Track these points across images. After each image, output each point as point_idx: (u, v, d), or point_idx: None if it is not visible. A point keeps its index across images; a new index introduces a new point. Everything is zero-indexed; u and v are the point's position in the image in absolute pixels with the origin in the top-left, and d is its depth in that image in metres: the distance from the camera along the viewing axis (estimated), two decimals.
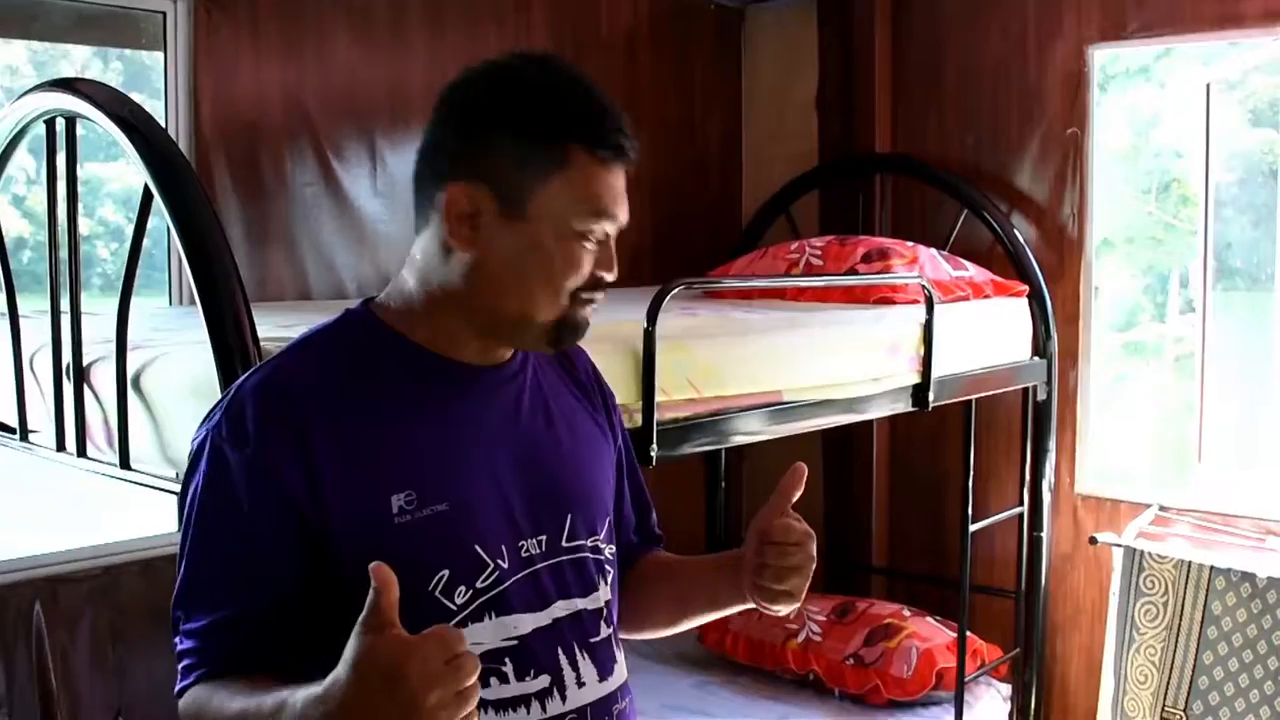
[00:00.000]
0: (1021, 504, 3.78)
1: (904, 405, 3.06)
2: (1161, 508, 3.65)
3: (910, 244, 3.44)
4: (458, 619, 1.35)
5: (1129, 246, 4.47)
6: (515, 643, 1.39)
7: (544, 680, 1.40)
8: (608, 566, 1.52)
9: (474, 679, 1.13)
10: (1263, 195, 3.73)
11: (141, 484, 2.10)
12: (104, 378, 2.13)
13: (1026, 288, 3.65)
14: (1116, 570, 3.46)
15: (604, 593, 1.49)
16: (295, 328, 2.15)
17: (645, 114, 4.07)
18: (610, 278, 1.43)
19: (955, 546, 3.63)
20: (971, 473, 3.50)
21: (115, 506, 2.99)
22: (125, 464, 2.08)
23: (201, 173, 2.97)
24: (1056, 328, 3.72)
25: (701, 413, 2.45)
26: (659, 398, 2.30)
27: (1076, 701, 3.86)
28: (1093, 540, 3.57)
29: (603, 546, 1.52)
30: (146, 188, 1.94)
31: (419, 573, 1.32)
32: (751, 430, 2.64)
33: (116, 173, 3.38)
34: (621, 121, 1.40)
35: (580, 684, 1.44)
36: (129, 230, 3.26)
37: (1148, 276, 4.51)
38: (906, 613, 3.76)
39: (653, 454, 2.28)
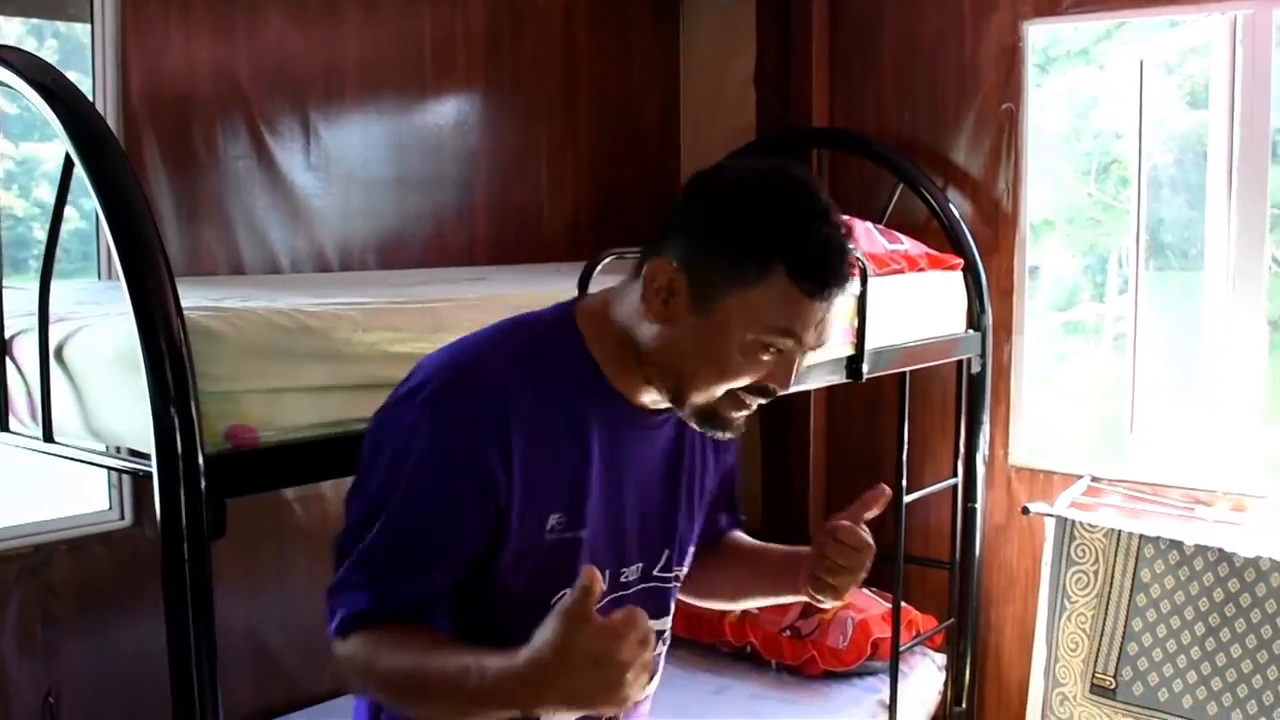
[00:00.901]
0: (956, 476, 3.81)
1: (838, 377, 3.08)
2: (1093, 479, 3.70)
3: (845, 217, 3.45)
4: None
5: (1069, 227, 4.52)
6: None
7: None
8: (677, 591, 1.70)
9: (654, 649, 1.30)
10: (1198, 176, 3.77)
11: (66, 457, 2.08)
12: (26, 350, 2.10)
13: (961, 261, 3.67)
14: (1048, 539, 3.50)
15: (670, 617, 1.68)
16: (226, 300, 2.14)
17: (582, 88, 4.06)
18: (781, 390, 1.50)
19: (891, 518, 3.65)
20: (906, 445, 3.52)
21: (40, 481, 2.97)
22: (49, 437, 2.06)
23: (131, 147, 2.93)
24: (991, 301, 3.76)
25: None
26: None
27: (1010, 670, 3.91)
28: (1025, 510, 3.61)
29: (681, 574, 1.69)
30: (68, 156, 1.91)
31: (546, 586, 1.47)
32: None
33: (52, 153, 3.32)
34: (839, 260, 1.44)
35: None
36: (67, 211, 3.23)
37: (1088, 257, 4.56)
38: None
39: None
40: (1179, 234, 3.93)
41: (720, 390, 1.48)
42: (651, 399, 1.54)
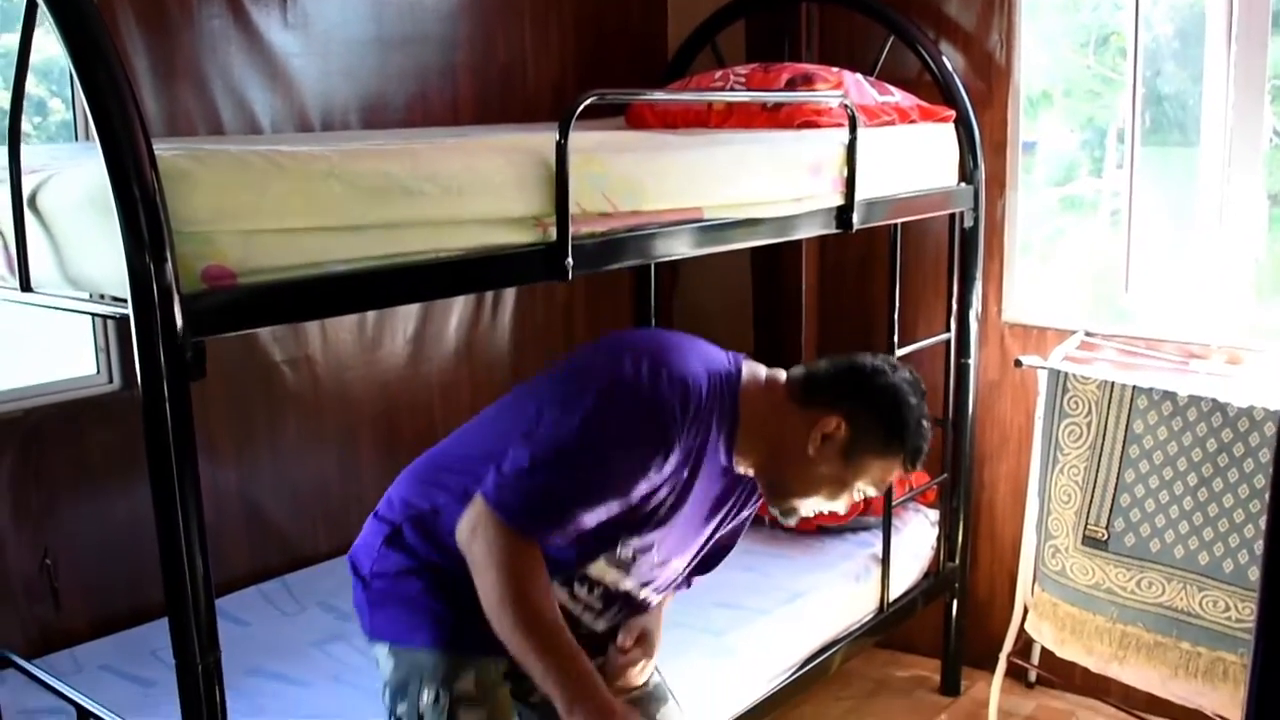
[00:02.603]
0: (949, 331, 3.79)
1: (828, 227, 3.03)
2: (1087, 334, 3.67)
3: (835, 69, 3.39)
4: (611, 559, 2.11)
5: (1067, 100, 4.43)
6: (611, 589, 2.15)
7: (599, 605, 2.17)
8: (682, 587, 2.37)
9: None
10: (1201, 49, 3.69)
11: (44, 305, 2.05)
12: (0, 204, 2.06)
13: (953, 113, 3.60)
14: (1041, 393, 3.49)
15: (661, 598, 2.30)
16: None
17: None
18: (837, 509, 2.19)
19: None
20: (898, 300, 3.50)
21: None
22: (26, 286, 2.03)
23: (102, 5, 2.86)
24: (984, 155, 3.70)
25: (618, 228, 2.40)
26: (573, 210, 2.26)
27: (1003, 525, 3.94)
28: (1018, 363, 3.59)
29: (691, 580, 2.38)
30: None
31: (622, 532, 2.07)
32: (675, 250, 2.61)
33: (35, 44, 3.25)
34: (927, 450, 2.13)
35: (602, 621, 2.22)
36: (51, 103, 3.17)
37: (1086, 131, 4.48)
38: None
39: (568, 266, 2.25)
40: (1181, 109, 3.85)
41: (808, 502, 2.11)
42: (742, 470, 2.11)
